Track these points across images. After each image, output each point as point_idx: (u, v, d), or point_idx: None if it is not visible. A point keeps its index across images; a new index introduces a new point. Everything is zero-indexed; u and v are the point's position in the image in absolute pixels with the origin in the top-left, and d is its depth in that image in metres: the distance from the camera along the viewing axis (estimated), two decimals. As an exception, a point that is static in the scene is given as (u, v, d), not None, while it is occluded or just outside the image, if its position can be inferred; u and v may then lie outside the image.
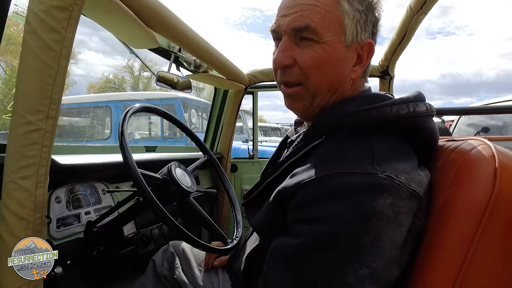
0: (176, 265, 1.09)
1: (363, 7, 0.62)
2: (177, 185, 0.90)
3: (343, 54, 0.63)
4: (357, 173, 0.51)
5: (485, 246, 0.50)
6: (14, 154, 0.72)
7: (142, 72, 22.64)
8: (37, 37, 0.71)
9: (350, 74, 0.65)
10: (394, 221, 0.51)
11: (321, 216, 0.51)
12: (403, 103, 0.60)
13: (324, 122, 0.63)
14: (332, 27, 0.61)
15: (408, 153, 0.60)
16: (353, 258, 0.49)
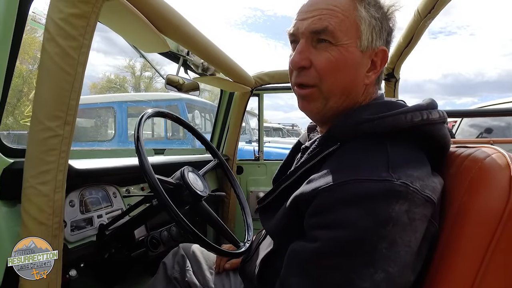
0: (187, 268, 1.10)
1: (379, 14, 0.65)
2: (190, 189, 0.91)
3: (358, 58, 0.64)
4: (373, 180, 0.53)
5: (500, 254, 0.51)
6: (33, 159, 0.73)
7: (144, 72, 22.67)
8: (56, 44, 0.72)
9: (364, 80, 0.67)
10: (409, 227, 0.52)
11: (338, 221, 0.53)
12: (417, 111, 0.62)
13: (339, 128, 0.64)
14: (349, 31, 0.63)
15: (422, 160, 0.61)
16: (369, 263, 0.51)
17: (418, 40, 1.37)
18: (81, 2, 0.72)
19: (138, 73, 22.88)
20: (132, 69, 22.55)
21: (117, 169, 1.16)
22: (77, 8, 0.72)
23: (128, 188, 1.30)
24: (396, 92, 1.94)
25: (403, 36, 1.42)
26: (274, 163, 2.29)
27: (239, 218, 2.17)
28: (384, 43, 0.67)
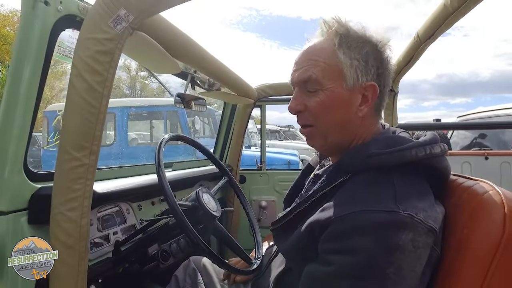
0: (198, 281, 1.14)
1: (361, 55, 0.70)
2: (205, 210, 0.97)
3: (346, 96, 0.71)
4: (382, 211, 0.59)
5: (498, 280, 0.57)
6: (61, 187, 0.78)
7: (139, 72, 22.58)
8: (83, 79, 0.77)
9: (357, 113, 0.72)
10: (414, 254, 0.58)
11: (351, 248, 0.58)
12: (421, 146, 0.68)
13: (349, 161, 0.70)
14: (332, 76, 0.70)
15: (425, 191, 0.67)
16: (378, 286, 0.57)
17: (416, 60, 1.44)
18: (107, 40, 0.77)
19: (133, 73, 22.80)
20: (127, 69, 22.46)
21: (132, 189, 1.21)
22: (104, 45, 0.77)
23: (140, 204, 1.35)
24: (394, 105, 2.01)
25: (403, 55, 1.48)
26: (276, 172, 2.35)
27: (241, 230, 2.23)
28: (373, 78, 0.71)
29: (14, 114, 0.79)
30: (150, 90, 22.93)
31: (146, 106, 5.14)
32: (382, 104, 0.76)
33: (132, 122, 5.05)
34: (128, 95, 20.57)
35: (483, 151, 2.62)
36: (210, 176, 1.91)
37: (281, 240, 0.80)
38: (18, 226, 0.81)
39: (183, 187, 1.68)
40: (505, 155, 2.53)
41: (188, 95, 1.50)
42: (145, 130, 5.83)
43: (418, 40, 1.27)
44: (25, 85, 0.80)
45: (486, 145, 3.64)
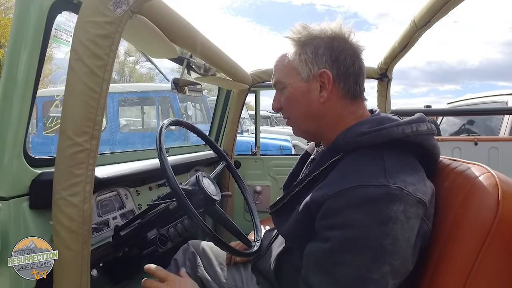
0: (198, 264, 1.17)
1: (311, 48, 0.78)
2: (205, 194, 0.98)
3: (305, 88, 0.79)
4: (373, 185, 0.62)
5: (488, 258, 0.60)
6: (63, 172, 0.78)
7: (128, 57, 22.10)
8: (83, 64, 0.76)
9: (319, 99, 0.78)
10: (407, 225, 0.61)
11: (346, 223, 0.62)
12: (408, 124, 0.72)
13: (341, 141, 0.74)
14: (289, 74, 0.81)
15: (414, 166, 0.71)
16: (377, 258, 0.60)
17: (412, 46, 1.45)
18: (108, 23, 0.76)
19: (122, 58, 22.31)
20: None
21: (130, 174, 1.21)
22: (104, 29, 0.76)
23: (138, 189, 1.35)
24: (388, 91, 2.03)
25: (398, 41, 1.49)
26: (271, 158, 2.36)
27: (237, 213, 2.26)
28: (326, 65, 0.77)
29: (12, 99, 0.78)
30: (140, 76, 22.54)
31: (137, 91, 5.07)
32: (349, 86, 0.78)
33: (123, 108, 4.98)
34: (117, 81, 20.17)
35: (472, 137, 2.69)
36: (206, 162, 1.92)
37: (280, 222, 0.83)
38: (19, 211, 0.81)
39: (180, 172, 1.69)
40: (493, 141, 2.60)
41: (184, 80, 1.49)
42: (137, 117, 5.76)
43: (414, 26, 1.27)
44: (22, 70, 0.78)
45: (474, 131, 3.73)
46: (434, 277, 0.67)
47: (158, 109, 5.14)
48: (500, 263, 0.61)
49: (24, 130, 0.81)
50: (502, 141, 2.64)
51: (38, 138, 3.84)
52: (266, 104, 21.19)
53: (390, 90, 2.03)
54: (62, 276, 0.79)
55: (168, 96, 4.66)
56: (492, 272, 0.61)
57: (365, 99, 0.83)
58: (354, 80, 0.79)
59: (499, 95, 3.94)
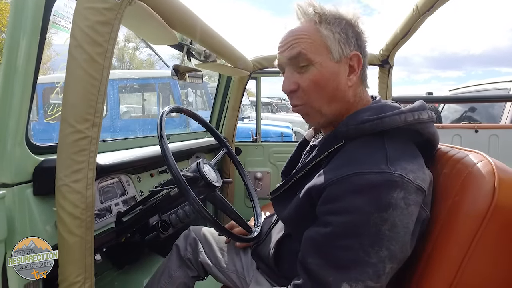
0: (199, 249, 1.19)
1: (340, 28, 0.74)
2: (206, 180, 0.99)
3: (336, 68, 0.74)
4: (374, 172, 0.63)
5: (482, 245, 0.62)
6: (65, 159, 0.79)
7: (127, 43, 21.85)
8: (83, 51, 0.76)
9: (347, 83, 0.76)
10: (406, 211, 0.62)
11: (347, 208, 0.63)
12: (410, 112, 0.72)
13: (343, 128, 0.73)
14: (319, 51, 0.73)
15: (415, 154, 0.71)
16: (375, 242, 0.61)
17: (414, 32, 1.44)
18: (107, 10, 0.76)
19: (121, 44, 22.06)
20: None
21: (132, 161, 1.22)
22: (103, 15, 0.76)
23: (139, 176, 1.37)
24: (389, 78, 2.02)
25: (400, 28, 1.47)
26: (271, 144, 2.37)
27: (238, 199, 2.29)
28: (355, 48, 0.75)
29: (13, 87, 0.78)
30: (140, 62, 22.34)
31: (137, 78, 5.03)
32: (366, 73, 0.80)
33: (123, 95, 4.95)
34: (117, 67, 20.01)
35: (473, 124, 2.68)
36: (206, 148, 1.93)
37: (280, 208, 0.84)
38: (24, 198, 0.83)
39: (180, 159, 1.70)
40: (494, 128, 2.60)
41: (184, 67, 1.48)
42: (137, 103, 5.74)
43: (416, 12, 1.26)
44: (22, 57, 0.78)
45: (475, 119, 3.72)
46: (430, 261, 0.69)
47: (159, 96, 5.12)
48: (495, 248, 0.62)
49: (25, 117, 0.82)
50: (503, 129, 2.64)
51: (39, 125, 3.85)
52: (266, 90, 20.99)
53: (391, 77, 2.01)
54: (67, 260, 0.81)
55: (168, 82, 4.63)
56: (487, 257, 0.62)
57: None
58: (367, 66, 0.80)
59: (501, 82, 3.91)
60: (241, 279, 1.11)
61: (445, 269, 0.65)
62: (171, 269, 1.19)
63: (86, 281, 0.84)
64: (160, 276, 1.19)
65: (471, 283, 0.63)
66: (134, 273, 1.54)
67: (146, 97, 5.56)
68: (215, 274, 1.16)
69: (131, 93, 5.40)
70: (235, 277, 1.12)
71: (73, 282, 0.82)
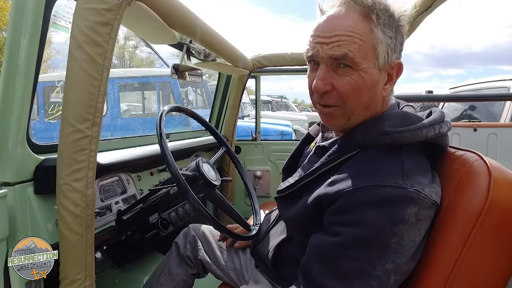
0: (198, 247, 1.20)
1: (393, 32, 0.67)
2: (205, 179, 1.00)
3: (376, 76, 0.68)
4: (390, 186, 0.61)
5: (477, 242, 0.63)
6: (66, 159, 0.80)
7: (128, 42, 21.81)
8: (83, 51, 0.77)
9: (382, 92, 0.71)
10: (416, 226, 0.62)
11: (359, 220, 0.62)
12: (431, 126, 0.69)
13: (360, 137, 0.70)
14: (367, 55, 0.66)
15: (428, 168, 0.70)
16: (381, 255, 0.61)
17: (413, 31, 1.44)
18: (106, 10, 0.77)
19: (122, 42, 22.03)
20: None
21: (132, 160, 1.23)
22: (103, 16, 0.77)
23: (139, 174, 1.38)
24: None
25: (399, 27, 1.48)
26: (271, 143, 2.38)
27: (238, 197, 2.30)
28: (398, 56, 0.71)
29: (14, 86, 0.79)
30: (140, 60, 22.30)
31: (137, 77, 5.04)
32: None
33: (123, 93, 4.96)
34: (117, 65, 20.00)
35: (472, 123, 2.68)
36: (206, 147, 1.94)
37: (285, 208, 0.84)
38: (25, 196, 0.84)
39: (180, 157, 1.71)
40: (493, 127, 2.60)
41: (184, 66, 1.49)
42: (137, 102, 5.75)
43: (415, 11, 1.26)
44: (23, 57, 0.79)
45: (475, 117, 3.72)
46: (427, 259, 0.69)
47: (159, 94, 5.14)
48: (490, 245, 0.63)
49: (26, 116, 0.83)
50: (502, 127, 2.64)
51: (40, 124, 3.86)
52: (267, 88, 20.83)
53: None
54: (67, 258, 0.82)
55: (168, 81, 4.63)
56: (481, 254, 0.63)
57: None
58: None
59: (501, 80, 3.91)
60: (240, 276, 1.12)
61: (441, 266, 0.66)
62: (170, 267, 1.20)
63: (87, 279, 0.85)
64: (160, 273, 1.20)
65: (466, 279, 0.64)
66: (135, 271, 1.56)
67: (146, 96, 5.57)
68: (214, 272, 1.17)
69: (131, 91, 5.41)
70: (233, 274, 1.13)
71: (74, 280, 0.83)
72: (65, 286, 0.83)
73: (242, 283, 1.10)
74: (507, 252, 0.63)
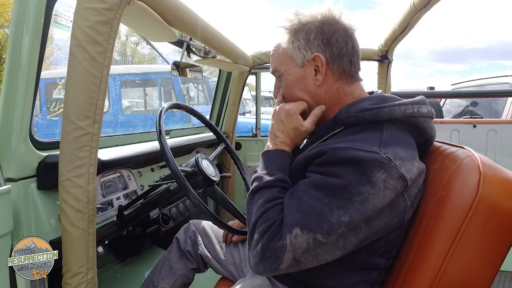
0: (199, 242, 1.23)
1: (302, 34, 0.81)
2: (204, 175, 1.02)
3: (300, 73, 0.83)
4: (366, 150, 0.67)
5: (467, 237, 0.65)
6: (67, 155, 0.82)
7: (129, 37, 21.80)
8: (84, 50, 0.79)
9: (315, 83, 0.82)
10: (382, 193, 0.65)
11: (331, 172, 0.68)
12: (410, 104, 0.75)
13: (343, 115, 0.77)
14: (285, 62, 0.85)
15: (410, 144, 0.74)
16: (342, 207, 0.65)
17: (411, 28, 1.45)
18: (106, 10, 0.78)
19: (123, 38, 22.02)
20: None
21: (133, 156, 1.25)
22: (102, 15, 0.78)
23: (140, 170, 1.40)
24: (388, 73, 2.03)
25: (398, 24, 1.49)
26: (271, 139, 2.39)
27: (238, 193, 2.32)
28: (317, 49, 0.80)
29: (17, 84, 0.81)
30: (142, 57, 22.31)
31: (139, 73, 5.06)
32: (344, 67, 0.81)
33: (125, 90, 4.98)
34: (119, 62, 20.01)
35: (472, 119, 2.68)
36: (207, 143, 1.96)
37: None
38: (28, 192, 0.86)
39: (181, 154, 1.73)
40: (492, 123, 2.60)
41: (184, 63, 1.50)
42: (139, 98, 5.77)
43: (413, 8, 1.27)
44: (25, 55, 0.81)
45: (477, 113, 3.71)
46: (418, 253, 0.71)
47: (160, 91, 5.16)
48: (479, 239, 0.65)
49: (29, 113, 0.85)
50: (501, 124, 2.64)
51: (42, 120, 3.89)
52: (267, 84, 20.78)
53: (390, 72, 2.03)
54: (70, 252, 0.84)
55: (170, 77, 4.65)
56: (471, 248, 0.65)
57: (361, 79, 0.85)
58: (348, 61, 0.81)
59: (504, 76, 3.90)
60: (239, 270, 1.14)
61: (432, 260, 0.68)
62: (171, 261, 1.23)
63: (89, 272, 0.87)
64: (161, 268, 1.22)
65: (456, 273, 0.66)
66: (136, 265, 1.58)
67: (148, 92, 5.59)
68: (214, 266, 1.19)
69: (133, 88, 5.43)
70: (233, 268, 1.16)
71: (77, 273, 0.85)
72: (68, 279, 0.85)
73: (241, 276, 1.13)
74: (496, 247, 0.65)
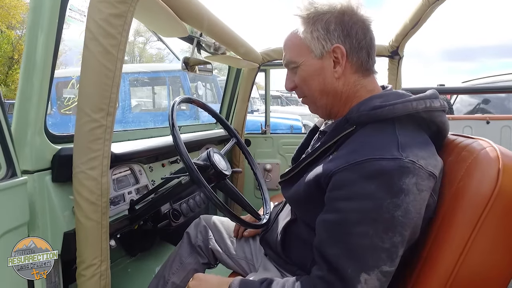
0: (209, 237, 1.23)
1: (321, 24, 0.78)
2: (216, 169, 1.02)
3: (319, 65, 0.80)
4: (386, 158, 0.64)
5: (485, 229, 0.64)
6: (82, 148, 0.83)
7: (137, 38, 21.98)
8: (98, 43, 0.79)
9: (334, 75, 0.80)
10: (419, 197, 0.64)
11: (358, 194, 0.64)
12: (421, 99, 0.74)
13: (354, 114, 0.75)
14: (301, 53, 0.81)
15: (426, 141, 0.73)
16: (389, 228, 0.63)
17: (423, 23, 1.43)
18: (120, 2, 0.78)
19: (131, 38, 22.22)
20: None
21: (144, 151, 1.26)
22: (116, 8, 0.78)
23: (151, 165, 1.41)
24: (399, 68, 2.01)
25: (409, 18, 1.47)
26: (280, 136, 2.39)
27: (247, 190, 2.32)
28: (338, 41, 0.77)
29: (33, 79, 0.82)
30: (150, 56, 22.48)
31: (148, 72, 5.09)
32: (362, 60, 0.79)
33: (134, 88, 5.02)
34: (127, 61, 20.21)
35: (485, 116, 2.64)
36: (217, 140, 1.96)
37: (288, 190, 0.87)
38: (43, 184, 0.87)
39: (191, 149, 1.74)
40: (507, 119, 2.55)
41: (194, 60, 1.51)
42: (147, 97, 5.81)
43: (426, 2, 1.25)
44: (40, 52, 0.81)
45: (489, 111, 3.65)
46: (434, 245, 0.70)
47: (169, 89, 5.18)
48: (498, 231, 0.64)
49: (44, 108, 0.86)
50: (516, 120, 2.60)
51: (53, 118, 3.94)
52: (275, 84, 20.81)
53: (401, 68, 2.00)
54: (84, 244, 0.85)
55: (178, 76, 4.67)
56: (489, 240, 0.64)
57: (376, 72, 0.84)
58: (366, 53, 0.79)
59: (513, 74, 3.83)
60: (250, 265, 1.14)
61: (449, 252, 0.67)
62: (182, 256, 1.23)
63: (103, 264, 0.88)
64: (171, 262, 1.23)
65: (474, 266, 0.65)
66: (146, 260, 1.59)
67: (156, 91, 5.63)
68: (224, 261, 1.20)
69: (142, 86, 5.47)
70: (244, 263, 1.16)
71: (91, 264, 0.86)
72: (82, 270, 0.86)
73: (252, 271, 1.13)
74: (516, 239, 0.64)
